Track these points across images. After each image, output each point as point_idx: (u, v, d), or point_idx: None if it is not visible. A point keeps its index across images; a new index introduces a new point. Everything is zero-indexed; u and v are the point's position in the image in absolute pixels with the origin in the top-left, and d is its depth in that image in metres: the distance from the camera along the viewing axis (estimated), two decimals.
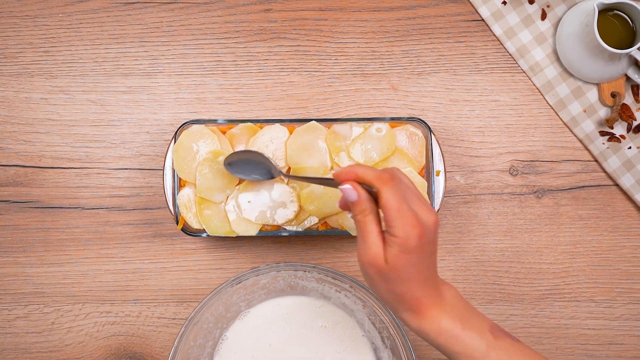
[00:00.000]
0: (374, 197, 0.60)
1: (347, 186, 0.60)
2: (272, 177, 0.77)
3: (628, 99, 0.85)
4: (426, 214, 0.59)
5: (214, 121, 0.80)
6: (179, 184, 0.79)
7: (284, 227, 0.79)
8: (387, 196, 0.58)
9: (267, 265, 0.74)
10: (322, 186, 0.78)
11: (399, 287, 0.59)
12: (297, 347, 0.79)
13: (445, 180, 0.80)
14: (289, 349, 0.79)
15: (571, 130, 0.85)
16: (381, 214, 0.59)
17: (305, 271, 0.76)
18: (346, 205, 0.63)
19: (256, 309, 0.80)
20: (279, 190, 0.78)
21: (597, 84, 0.85)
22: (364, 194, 0.60)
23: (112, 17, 0.85)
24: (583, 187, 0.85)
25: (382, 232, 0.59)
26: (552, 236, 0.85)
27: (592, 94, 0.85)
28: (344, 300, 0.79)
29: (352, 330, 0.80)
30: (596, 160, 0.85)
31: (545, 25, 0.85)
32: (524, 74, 0.86)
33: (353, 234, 0.79)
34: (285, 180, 0.79)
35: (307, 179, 0.68)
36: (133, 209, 0.85)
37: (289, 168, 0.79)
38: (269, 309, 0.80)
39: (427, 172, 0.79)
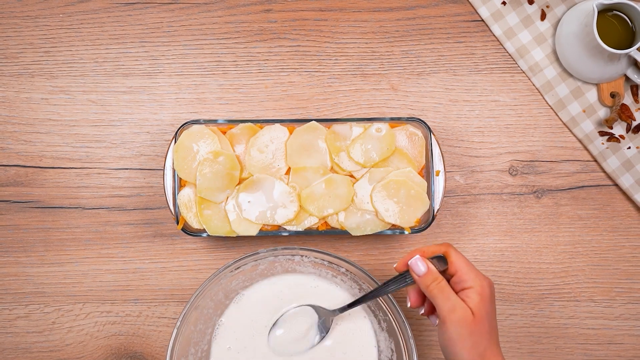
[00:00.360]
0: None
1: (416, 257, 0.66)
2: (328, 327, 0.78)
3: (627, 99, 0.85)
4: (483, 274, 0.66)
5: (214, 121, 0.80)
6: (179, 184, 0.79)
7: (284, 227, 0.79)
8: (456, 253, 0.66)
9: (265, 249, 0.75)
10: (323, 186, 0.78)
11: (484, 341, 0.63)
12: (293, 327, 0.79)
13: (445, 180, 0.80)
14: (285, 330, 0.79)
15: (570, 131, 0.86)
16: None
17: (302, 256, 0.77)
18: (417, 301, 0.69)
19: (250, 291, 0.80)
20: (279, 190, 0.79)
21: (597, 84, 0.85)
22: (431, 264, 0.66)
23: (113, 18, 0.86)
24: (582, 187, 0.86)
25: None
26: (551, 236, 0.85)
27: (592, 94, 0.85)
28: (340, 284, 0.79)
29: (350, 311, 0.80)
30: (595, 161, 0.85)
31: (545, 26, 0.85)
32: (523, 74, 0.86)
33: (353, 234, 0.79)
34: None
35: (372, 296, 0.71)
36: (133, 209, 0.85)
37: (289, 168, 0.80)
38: (263, 288, 0.80)
39: (427, 172, 0.79)
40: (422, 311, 0.69)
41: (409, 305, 0.69)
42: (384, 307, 0.75)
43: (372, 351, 0.79)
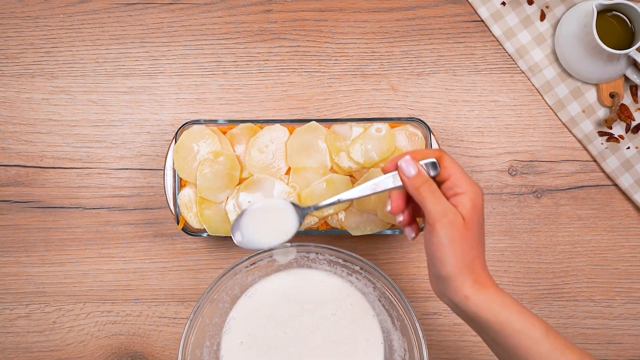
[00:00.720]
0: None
1: (405, 158, 0.62)
2: (298, 226, 0.71)
3: (627, 100, 0.85)
4: (475, 182, 0.63)
5: (214, 121, 0.80)
6: (179, 184, 0.80)
7: None
8: (449, 158, 0.63)
9: (280, 244, 0.71)
10: (323, 186, 0.78)
11: (473, 249, 0.60)
12: (304, 321, 0.79)
13: None
14: (296, 324, 0.78)
15: (570, 131, 0.86)
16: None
17: (317, 253, 0.76)
18: (400, 207, 0.65)
19: (261, 284, 0.79)
20: (279, 190, 0.79)
21: (596, 85, 0.85)
22: (421, 166, 0.62)
23: (113, 18, 0.86)
24: (582, 187, 0.86)
25: None
26: (551, 236, 0.85)
27: (591, 95, 0.85)
28: (355, 283, 0.79)
29: (362, 307, 0.79)
30: (595, 161, 0.86)
31: (544, 26, 0.86)
32: (523, 75, 0.86)
33: (353, 234, 0.79)
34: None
35: (359, 192, 0.66)
36: (134, 208, 0.85)
37: (289, 168, 0.80)
38: (276, 281, 0.79)
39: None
40: (400, 218, 0.66)
41: (388, 209, 0.65)
42: (398, 306, 0.74)
43: (379, 348, 0.79)
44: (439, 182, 0.64)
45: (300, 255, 0.77)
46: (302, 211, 0.70)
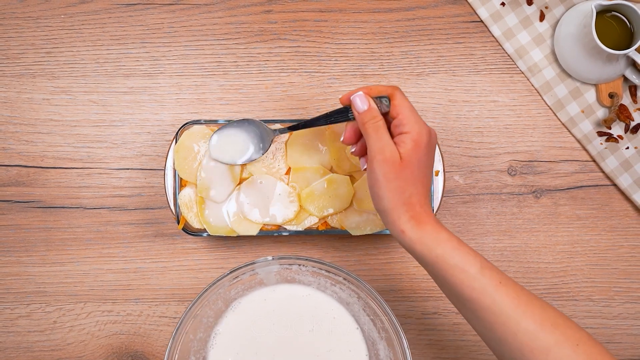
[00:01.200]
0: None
1: (359, 93, 0.64)
2: (267, 146, 0.77)
3: (626, 100, 0.85)
4: (425, 123, 0.65)
5: (214, 121, 0.80)
6: (180, 183, 0.80)
7: (284, 226, 0.80)
8: (401, 97, 0.65)
9: (262, 258, 0.74)
10: (323, 186, 0.78)
11: (410, 186, 0.62)
12: (289, 335, 0.79)
13: (444, 180, 0.81)
14: (281, 338, 0.79)
15: (569, 131, 0.86)
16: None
17: (300, 265, 0.76)
18: (352, 138, 0.68)
19: (247, 299, 0.80)
20: (280, 190, 0.79)
21: (595, 85, 0.85)
22: (373, 103, 0.64)
23: (114, 19, 0.86)
24: (581, 187, 0.86)
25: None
26: (550, 236, 0.86)
27: (590, 95, 0.85)
28: (339, 293, 0.79)
29: (345, 320, 0.80)
30: (594, 161, 0.86)
31: (544, 27, 0.86)
32: (522, 75, 0.86)
33: (353, 234, 0.79)
34: (282, 136, 0.79)
35: (311, 123, 0.71)
36: (134, 208, 0.86)
37: (289, 168, 0.80)
38: (261, 297, 0.80)
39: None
40: (353, 149, 0.69)
41: (341, 139, 0.69)
42: (381, 316, 0.75)
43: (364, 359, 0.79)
44: (389, 119, 0.66)
45: (283, 267, 0.78)
46: (271, 133, 0.77)
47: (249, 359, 0.78)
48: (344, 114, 0.68)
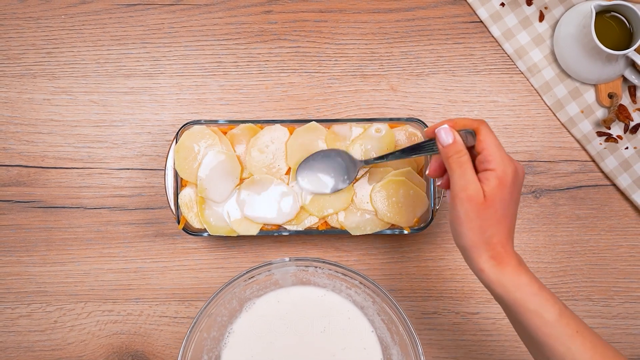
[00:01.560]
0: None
1: (444, 126, 0.63)
2: (353, 176, 0.78)
3: (625, 100, 0.85)
4: (516, 161, 0.63)
5: (215, 122, 0.81)
6: (180, 184, 0.80)
7: (285, 226, 0.80)
8: (486, 131, 0.63)
9: (279, 259, 0.74)
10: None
11: (492, 227, 0.60)
12: (304, 337, 0.79)
13: None
14: (296, 340, 0.79)
15: (569, 131, 0.86)
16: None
17: (316, 267, 0.76)
18: (437, 171, 0.67)
19: (262, 300, 0.80)
20: (280, 190, 0.79)
21: (595, 85, 0.85)
22: (458, 136, 0.63)
23: (114, 19, 0.86)
24: (580, 187, 0.86)
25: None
26: (549, 235, 0.86)
27: (590, 95, 0.86)
28: (354, 296, 0.79)
29: (360, 323, 0.80)
30: (593, 161, 0.86)
31: (543, 27, 0.86)
32: (522, 75, 0.87)
33: (353, 234, 0.79)
34: (366, 169, 0.79)
35: (397, 156, 0.71)
36: (135, 208, 0.86)
37: (289, 168, 0.80)
38: (275, 298, 0.80)
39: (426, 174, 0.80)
40: (439, 182, 0.68)
41: (427, 173, 0.68)
42: (396, 320, 0.75)
43: None
44: (474, 153, 0.64)
45: (299, 269, 0.77)
46: (358, 163, 0.77)
47: (261, 358, 0.78)
48: (429, 146, 0.67)
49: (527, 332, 0.61)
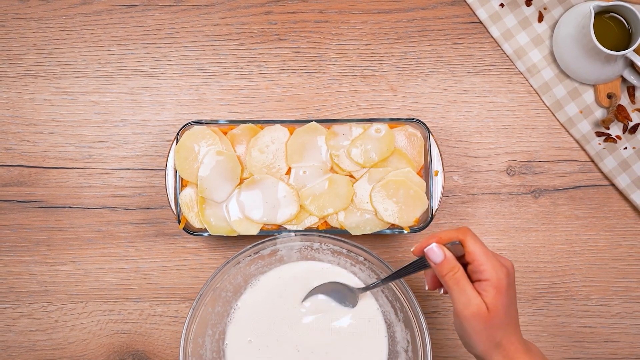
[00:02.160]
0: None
1: (432, 245, 0.64)
2: (355, 302, 0.80)
3: (624, 100, 0.86)
4: (503, 259, 0.65)
5: (215, 122, 0.81)
6: (180, 183, 0.80)
7: (285, 226, 0.80)
8: (472, 241, 0.64)
9: (285, 232, 0.75)
10: (325, 187, 0.79)
11: (500, 332, 0.63)
12: (309, 315, 0.80)
13: (444, 180, 0.81)
14: (300, 318, 0.79)
15: (568, 131, 0.86)
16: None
17: (321, 243, 0.77)
18: (434, 284, 0.68)
19: (266, 276, 0.81)
20: (280, 189, 0.79)
21: (594, 86, 0.86)
22: (448, 252, 0.64)
23: (115, 20, 0.86)
24: (579, 187, 0.86)
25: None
26: (549, 235, 0.86)
27: (589, 95, 0.86)
28: (358, 274, 0.80)
29: (365, 300, 0.80)
30: (592, 161, 0.86)
31: (542, 28, 0.86)
32: (521, 76, 0.87)
33: (353, 234, 0.80)
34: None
35: (392, 278, 0.72)
36: (135, 208, 0.86)
37: (289, 168, 0.80)
38: (279, 274, 0.81)
39: (426, 172, 0.80)
40: (442, 291, 0.69)
41: (426, 288, 0.69)
42: (401, 297, 0.75)
43: (383, 341, 0.80)
44: (464, 263, 0.65)
45: (304, 245, 0.78)
46: (357, 291, 0.78)
47: (267, 335, 0.79)
48: (420, 264, 0.67)
49: None
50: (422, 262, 0.67)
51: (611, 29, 0.82)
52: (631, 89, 0.85)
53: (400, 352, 0.78)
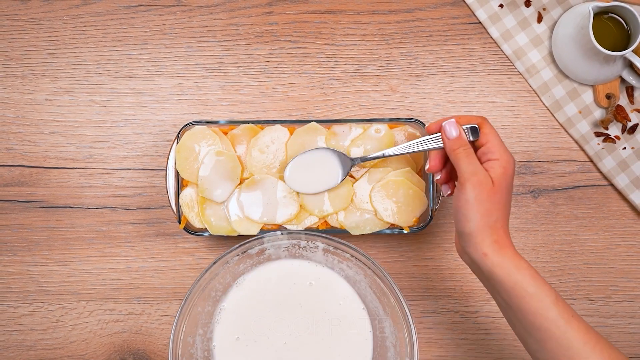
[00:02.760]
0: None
1: (450, 120, 0.68)
2: (344, 174, 0.79)
3: (623, 101, 0.86)
4: (509, 151, 0.68)
5: (215, 122, 0.81)
6: (181, 183, 0.81)
7: (285, 226, 0.80)
8: (489, 126, 0.68)
9: (271, 232, 0.76)
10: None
11: (497, 211, 0.64)
12: (294, 312, 0.80)
13: None
14: (286, 315, 0.80)
15: (567, 131, 0.87)
16: None
17: (308, 241, 0.77)
18: (438, 165, 0.71)
19: (252, 274, 0.81)
20: (280, 189, 0.80)
21: (592, 86, 0.86)
22: (462, 130, 0.68)
23: (116, 20, 0.87)
24: (578, 187, 0.87)
25: None
26: (548, 235, 0.86)
27: (588, 96, 0.86)
28: (346, 271, 0.80)
29: (351, 298, 0.81)
30: (591, 161, 0.87)
31: (541, 28, 0.86)
32: (520, 76, 0.87)
33: (352, 233, 0.80)
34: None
35: (398, 152, 0.73)
36: (136, 208, 0.86)
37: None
38: (267, 272, 0.81)
39: (425, 172, 0.81)
40: (438, 177, 0.71)
41: (427, 168, 0.72)
42: (388, 293, 0.76)
43: (368, 337, 0.80)
44: (476, 147, 0.69)
45: (291, 244, 0.79)
46: (349, 161, 0.78)
47: (253, 335, 0.79)
48: (432, 140, 0.70)
49: (524, 316, 0.63)
50: (434, 140, 0.70)
51: (610, 29, 0.82)
52: (630, 90, 0.86)
53: (389, 347, 0.78)
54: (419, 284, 0.86)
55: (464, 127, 0.68)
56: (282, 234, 0.76)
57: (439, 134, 0.70)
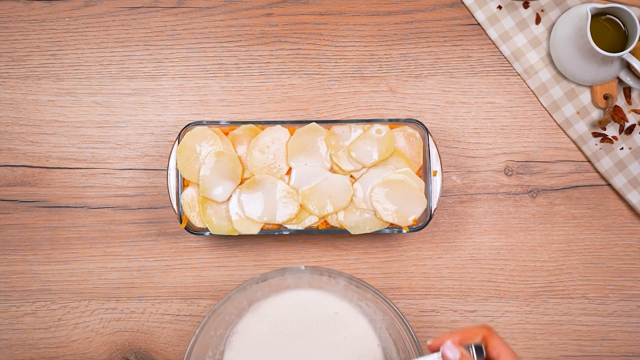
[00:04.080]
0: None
1: (447, 344, 0.61)
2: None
3: (620, 101, 0.86)
4: None
5: (216, 122, 0.81)
6: (182, 183, 0.81)
7: (285, 225, 0.81)
8: (497, 338, 0.62)
9: (295, 267, 0.74)
10: (325, 187, 0.80)
11: None
12: (306, 340, 0.79)
13: (442, 180, 0.82)
14: (298, 343, 0.79)
15: (565, 132, 0.87)
16: None
17: (330, 276, 0.75)
18: None
19: (268, 301, 0.80)
20: (280, 189, 0.80)
21: (590, 87, 0.86)
22: (464, 350, 0.61)
23: (118, 21, 0.87)
24: (576, 187, 0.87)
25: None
26: (546, 235, 0.87)
27: (585, 96, 0.87)
28: (364, 308, 0.79)
29: (367, 334, 0.79)
30: (589, 161, 0.87)
31: (540, 29, 0.87)
32: (518, 77, 0.88)
33: (352, 233, 0.80)
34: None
35: None
36: (138, 208, 0.87)
37: (289, 168, 0.81)
38: (283, 300, 0.80)
39: (425, 173, 0.81)
40: None
41: None
42: (405, 337, 0.74)
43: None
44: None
45: (313, 277, 0.77)
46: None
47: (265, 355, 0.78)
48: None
49: None
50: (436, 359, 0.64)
51: (608, 30, 0.83)
52: (627, 90, 0.86)
53: None
54: (417, 283, 0.87)
55: (466, 346, 0.62)
56: (305, 268, 0.73)
57: (439, 353, 0.62)
